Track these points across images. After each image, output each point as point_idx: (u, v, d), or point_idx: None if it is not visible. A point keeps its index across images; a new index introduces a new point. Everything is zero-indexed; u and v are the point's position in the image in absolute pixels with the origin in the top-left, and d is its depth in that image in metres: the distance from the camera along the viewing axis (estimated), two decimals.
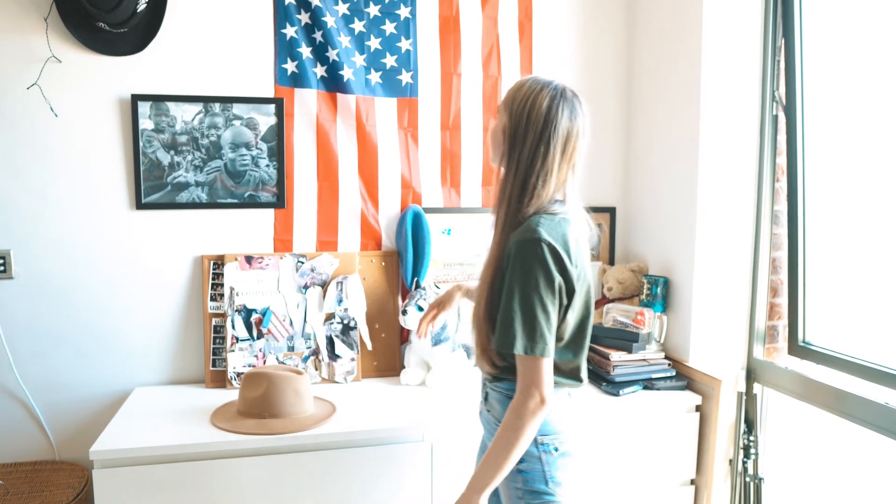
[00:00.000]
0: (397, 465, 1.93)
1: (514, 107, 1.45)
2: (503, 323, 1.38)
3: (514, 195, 1.44)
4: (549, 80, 1.47)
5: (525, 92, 1.45)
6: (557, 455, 1.48)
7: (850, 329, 2.07)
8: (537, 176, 1.43)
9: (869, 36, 1.98)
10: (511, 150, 1.46)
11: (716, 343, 2.30)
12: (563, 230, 1.41)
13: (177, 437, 1.83)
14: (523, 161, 1.43)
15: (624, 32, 2.63)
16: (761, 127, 2.24)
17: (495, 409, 1.55)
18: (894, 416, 1.75)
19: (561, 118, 1.42)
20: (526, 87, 1.46)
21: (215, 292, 2.32)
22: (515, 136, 1.44)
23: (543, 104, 1.42)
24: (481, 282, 1.50)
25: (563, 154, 1.44)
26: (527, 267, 1.37)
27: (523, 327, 1.37)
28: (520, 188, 1.44)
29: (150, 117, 2.22)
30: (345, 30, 2.36)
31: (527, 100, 1.44)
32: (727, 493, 2.29)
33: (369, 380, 2.39)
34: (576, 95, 1.47)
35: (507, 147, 1.47)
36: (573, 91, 1.48)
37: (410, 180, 2.46)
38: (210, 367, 2.29)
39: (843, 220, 2.09)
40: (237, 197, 2.32)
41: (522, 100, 1.44)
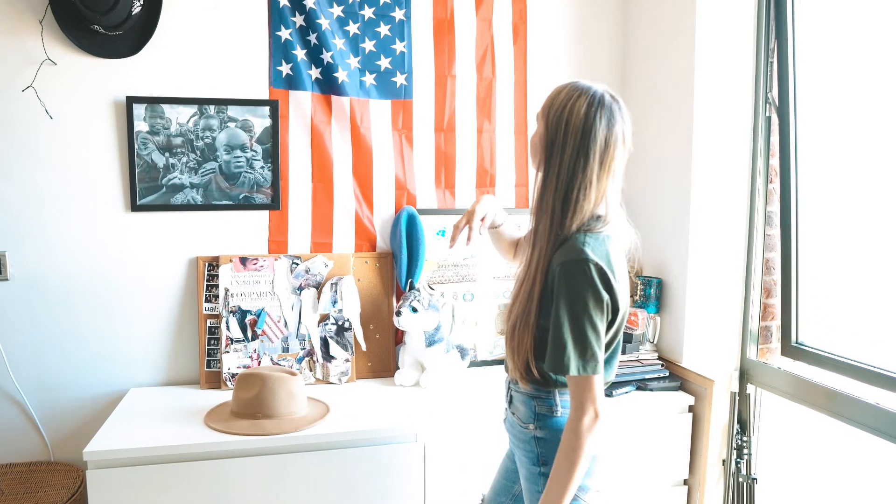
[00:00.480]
0: (390, 466, 1.94)
1: (551, 115, 1.41)
2: (556, 347, 1.36)
3: (557, 209, 1.40)
4: (588, 85, 1.42)
5: (562, 99, 1.40)
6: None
7: (842, 330, 2.08)
8: (578, 188, 1.39)
9: (861, 38, 1.99)
10: (549, 160, 1.42)
11: (709, 344, 2.30)
12: (607, 248, 1.39)
13: (171, 438, 1.84)
14: (564, 173, 1.39)
15: (618, 35, 2.63)
16: (754, 128, 2.25)
17: (520, 411, 1.54)
18: (885, 416, 1.76)
19: (599, 126, 1.38)
20: (564, 93, 1.41)
21: (210, 293, 2.32)
22: (553, 145, 1.40)
23: (581, 112, 1.38)
24: (521, 292, 1.46)
25: (602, 165, 1.39)
26: (576, 288, 1.35)
27: (575, 349, 1.35)
28: (562, 201, 1.40)
29: (145, 119, 2.23)
30: (339, 32, 2.37)
31: (563, 107, 1.39)
32: (720, 494, 2.30)
33: (364, 380, 2.39)
34: (615, 100, 1.43)
35: (545, 157, 1.43)
36: (613, 95, 1.43)
37: (405, 182, 2.47)
38: (205, 368, 2.30)
39: (836, 221, 2.09)
40: (232, 199, 2.33)
41: (559, 108, 1.40)
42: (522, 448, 1.54)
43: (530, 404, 1.51)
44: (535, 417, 1.51)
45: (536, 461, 1.50)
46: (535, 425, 1.50)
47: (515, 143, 2.56)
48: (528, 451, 1.53)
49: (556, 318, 1.37)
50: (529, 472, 1.52)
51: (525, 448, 1.53)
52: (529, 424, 1.51)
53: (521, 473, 1.57)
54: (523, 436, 1.53)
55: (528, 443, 1.52)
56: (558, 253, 1.39)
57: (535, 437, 1.51)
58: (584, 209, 1.40)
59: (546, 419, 1.49)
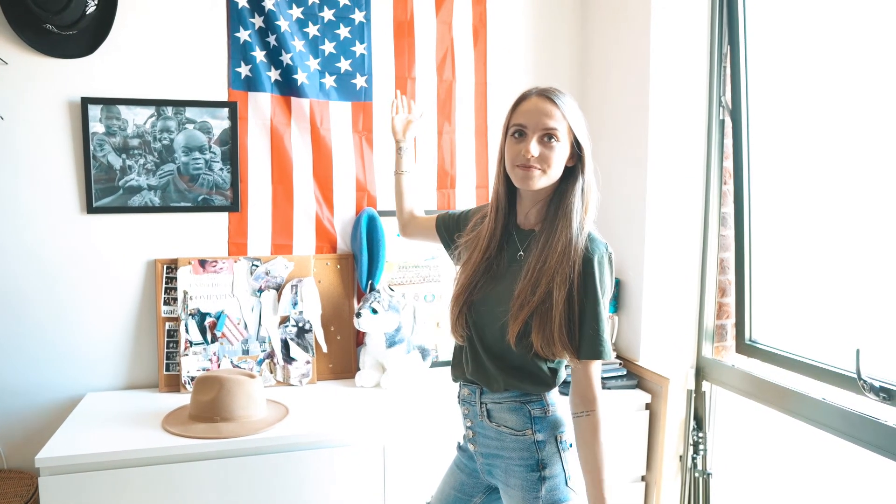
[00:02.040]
0: (350, 467, 1.94)
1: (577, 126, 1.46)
2: (596, 333, 1.43)
3: (579, 208, 1.48)
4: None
5: (578, 109, 1.48)
6: (570, 449, 1.50)
7: (792, 327, 2.13)
8: (591, 187, 1.51)
9: (810, 43, 2.04)
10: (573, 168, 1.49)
11: (666, 342, 2.34)
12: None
13: (127, 443, 1.82)
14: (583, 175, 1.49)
15: (576, 39, 2.67)
16: (708, 131, 2.30)
17: (509, 420, 1.51)
18: (831, 411, 1.81)
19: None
20: (575, 104, 1.48)
21: (169, 296, 2.30)
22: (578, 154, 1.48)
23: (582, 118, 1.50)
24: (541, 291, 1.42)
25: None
26: (608, 279, 1.46)
27: (607, 336, 1.45)
28: (581, 202, 1.48)
29: (100, 120, 2.20)
30: (298, 34, 2.36)
31: (581, 117, 1.48)
32: (677, 489, 2.34)
33: (325, 382, 2.39)
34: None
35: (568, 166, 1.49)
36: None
37: (365, 184, 2.47)
38: (164, 372, 2.28)
39: (787, 221, 2.14)
40: (191, 200, 2.32)
41: (581, 119, 1.48)
42: (516, 457, 1.50)
43: (523, 410, 1.49)
44: (533, 421, 1.49)
45: (536, 467, 1.48)
46: (532, 429, 1.49)
47: (476, 144, 2.58)
48: (525, 458, 1.49)
49: (594, 308, 1.43)
50: (526, 481, 1.48)
51: (521, 456, 1.49)
52: (526, 430, 1.49)
53: (512, 483, 1.51)
54: (518, 444, 1.50)
55: (526, 450, 1.49)
56: (579, 248, 1.44)
57: (535, 441, 1.48)
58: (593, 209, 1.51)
59: (542, 421, 1.49)
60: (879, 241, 1.82)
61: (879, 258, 1.82)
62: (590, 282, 1.43)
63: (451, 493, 1.67)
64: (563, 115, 1.43)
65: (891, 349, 1.74)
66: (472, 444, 1.60)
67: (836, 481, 1.94)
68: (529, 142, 1.42)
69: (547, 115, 1.43)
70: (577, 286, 1.42)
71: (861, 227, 1.88)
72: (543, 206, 1.51)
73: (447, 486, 1.69)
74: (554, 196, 1.49)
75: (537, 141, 1.43)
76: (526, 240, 1.51)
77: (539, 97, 1.45)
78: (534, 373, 1.49)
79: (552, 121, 1.42)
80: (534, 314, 1.42)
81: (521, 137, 1.45)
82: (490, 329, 1.51)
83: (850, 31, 1.89)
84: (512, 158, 1.46)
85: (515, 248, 1.53)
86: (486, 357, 1.52)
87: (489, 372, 1.52)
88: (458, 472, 1.67)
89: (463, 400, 1.61)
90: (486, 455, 1.56)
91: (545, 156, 1.43)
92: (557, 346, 1.42)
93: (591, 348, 1.43)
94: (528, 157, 1.42)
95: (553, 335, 1.41)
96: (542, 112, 1.43)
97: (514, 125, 1.46)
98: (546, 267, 1.42)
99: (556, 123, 1.42)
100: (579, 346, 1.43)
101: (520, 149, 1.44)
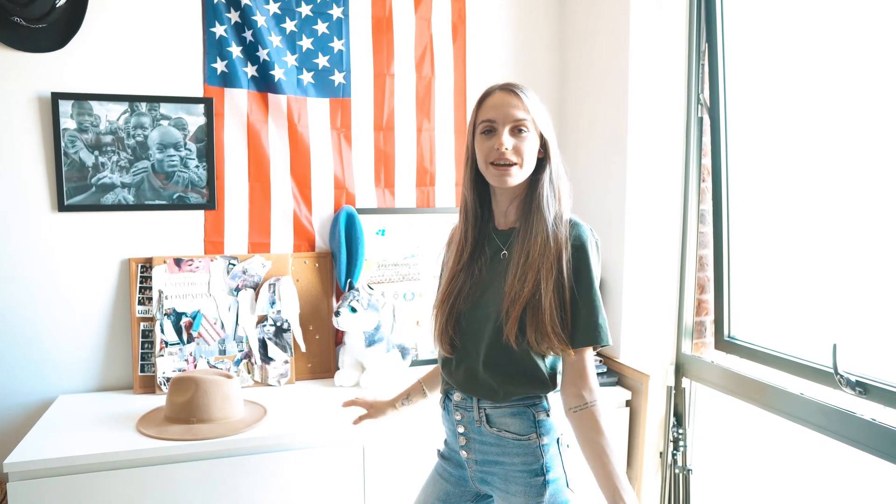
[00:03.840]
0: (329, 468, 1.92)
1: (540, 118, 1.47)
2: (592, 320, 1.42)
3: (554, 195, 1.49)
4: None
5: (538, 102, 1.48)
6: (569, 450, 1.47)
7: (770, 323, 2.14)
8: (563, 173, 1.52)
9: (787, 42, 2.05)
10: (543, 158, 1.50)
11: (646, 339, 2.35)
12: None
13: (100, 446, 1.78)
14: (556, 163, 1.50)
15: (556, 37, 2.66)
16: (687, 129, 2.30)
17: (511, 426, 1.46)
18: (808, 405, 1.82)
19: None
20: (535, 97, 1.49)
21: (143, 296, 2.26)
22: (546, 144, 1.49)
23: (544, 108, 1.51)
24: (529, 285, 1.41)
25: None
26: (596, 265, 1.45)
27: (605, 320, 1.44)
28: (555, 189, 1.49)
29: (72, 116, 2.16)
30: (276, 29, 2.33)
31: (542, 108, 1.49)
32: (658, 486, 2.35)
33: (303, 382, 2.36)
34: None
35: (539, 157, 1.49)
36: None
37: (344, 181, 2.45)
38: (138, 373, 2.24)
39: (765, 218, 2.16)
40: (165, 198, 2.27)
41: (543, 110, 1.49)
42: (519, 463, 1.46)
43: (527, 413, 1.45)
44: (537, 425, 1.45)
45: (540, 471, 1.44)
46: (537, 434, 1.45)
47: (455, 142, 2.56)
48: (528, 463, 1.45)
49: (588, 293, 1.42)
50: (529, 486, 1.44)
51: (524, 461, 1.45)
52: (531, 435, 1.45)
53: (513, 490, 1.46)
54: (522, 449, 1.46)
55: (530, 454, 1.45)
56: (563, 235, 1.43)
57: (540, 445, 1.45)
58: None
59: (544, 424, 1.46)
60: (856, 238, 1.83)
61: (856, 254, 1.84)
62: (581, 267, 1.43)
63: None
64: (528, 107, 1.44)
65: (867, 344, 1.76)
66: (465, 451, 1.53)
67: (815, 476, 1.96)
68: (501, 135, 1.42)
69: (514, 107, 1.43)
70: (567, 274, 1.41)
71: (838, 223, 1.89)
72: (521, 202, 1.50)
73: (430, 497, 1.62)
74: (528, 190, 1.49)
75: (509, 133, 1.42)
76: (507, 239, 1.50)
77: (503, 91, 1.46)
78: (534, 375, 1.46)
79: (520, 112, 1.43)
80: (526, 308, 1.40)
81: (491, 133, 1.44)
82: (485, 334, 1.46)
83: (826, 29, 1.91)
84: (485, 156, 1.44)
85: (498, 249, 1.51)
86: (482, 368, 1.47)
87: (488, 384, 1.47)
88: (441, 482, 1.61)
89: (455, 406, 1.54)
90: (483, 462, 1.51)
91: (518, 147, 1.43)
92: (552, 339, 1.39)
93: (587, 335, 1.41)
94: (503, 150, 1.41)
95: (546, 327, 1.39)
96: (509, 105, 1.43)
97: (482, 122, 1.46)
98: (530, 260, 1.41)
99: (524, 114, 1.43)
100: (573, 334, 1.41)
101: (492, 144, 1.43)
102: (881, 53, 1.73)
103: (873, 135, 1.77)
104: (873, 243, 1.78)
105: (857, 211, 1.83)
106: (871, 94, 1.77)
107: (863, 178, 1.80)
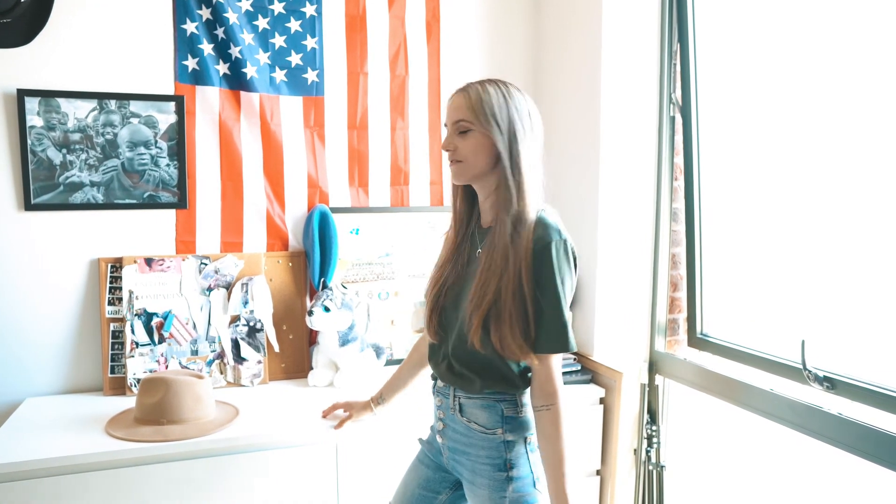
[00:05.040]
0: (302, 468, 1.91)
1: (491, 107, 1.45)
2: (557, 325, 1.39)
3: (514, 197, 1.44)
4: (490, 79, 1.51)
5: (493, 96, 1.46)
6: (538, 451, 1.47)
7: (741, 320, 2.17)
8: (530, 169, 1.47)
9: (757, 42, 2.08)
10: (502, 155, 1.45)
11: (619, 337, 2.36)
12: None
13: (67, 448, 1.75)
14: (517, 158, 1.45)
15: (530, 36, 2.67)
16: (659, 128, 2.32)
17: (480, 417, 1.49)
18: (778, 401, 1.84)
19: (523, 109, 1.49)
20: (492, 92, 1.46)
21: (113, 296, 2.23)
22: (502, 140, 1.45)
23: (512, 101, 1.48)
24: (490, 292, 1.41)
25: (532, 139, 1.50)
26: (562, 270, 1.40)
27: (569, 326, 1.41)
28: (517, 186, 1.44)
29: (39, 114, 2.12)
30: (248, 27, 2.31)
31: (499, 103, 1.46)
32: (632, 483, 2.36)
33: (277, 382, 2.34)
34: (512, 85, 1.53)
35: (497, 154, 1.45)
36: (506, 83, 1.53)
37: (317, 180, 2.43)
38: (108, 374, 2.20)
39: (736, 217, 2.18)
40: (136, 197, 2.24)
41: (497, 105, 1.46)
42: (484, 456, 1.48)
43: (496, 408, 1.47)
44: (504, 420, 1.47)
45: (503, 466, 1.46)
46: (503, 429, 1.47)
47: (429, 140, 2.56)
48: (493, 457, 1.47)
49: (552, 298, 1.39)
50: (493, 480, 1.47)
51: (488, 455, 1.48)
52: (497, 429, 1.47)
53: (477, 482, 1.49)
54: (487, 442, 1.48)
55: (494, 449, 1.47)
56: (533, 234, 1.41)
57: (504, 441, 1.46)
58: (537, 188, 1.47)
59: (514, 421, 1.47)
60: (824, 236, 1.86)
61: (824, 252, 1.86)
62: (544, 272, 1.39)
63: (416, 492, 1.63)
64: (473, 106, 1.44)
65: (834, 340, 1.79)
66: (440, 436, 1.58)
67: (785, 470, 1.98)
68: (448, 135, 1.49)
69: (457, 108, 1.47)
70: (527, 281, 1.39)
71: (807, 222, 1.92)
72: (494, 201, 1.50)
73: (411, 484, 1.65)
74: (495, 187, 1.49)
75: (454, 133, 1.47)
76: (484, 238, 1.51)
77: (457, 92, 1.49)
78: (504, 374, 1.46)
79: (460, 112, 1.46)
80: (489, 316, 1.40)
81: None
82: (458, 332, 1.49)
83: (795, 28, 1.93)
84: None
85: (476, 247, 1.53)
86: (457, 361, 1.50)
87: (462, 375, 1.49)
88: (421, 467, 1.65)
89: (437, 391, 1.60)
90: (453, 450, 1.55)
91: (457, 146, 1.46)
92: (513, 348, 1.39)
93: (549, 343, 1.40)
94: (447, 150, 1.48)
95: (507, 338, 1.38)
96: (453, 106, 1.48)
97: (444, 125, 1.52)
98: (493, 266, 1.41)
99: (464, 114, 1.45)
100: (536, 341, 1.40)
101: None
102: (850, 52, 1.76)
103: (842, 133, 1.79)
104: (841, 242, 1.81)
105: (826, 210, 1.85)
106: (840, 93, 1.79)
107: (831, 177, 1.83)
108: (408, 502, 1.64)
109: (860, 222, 1.75)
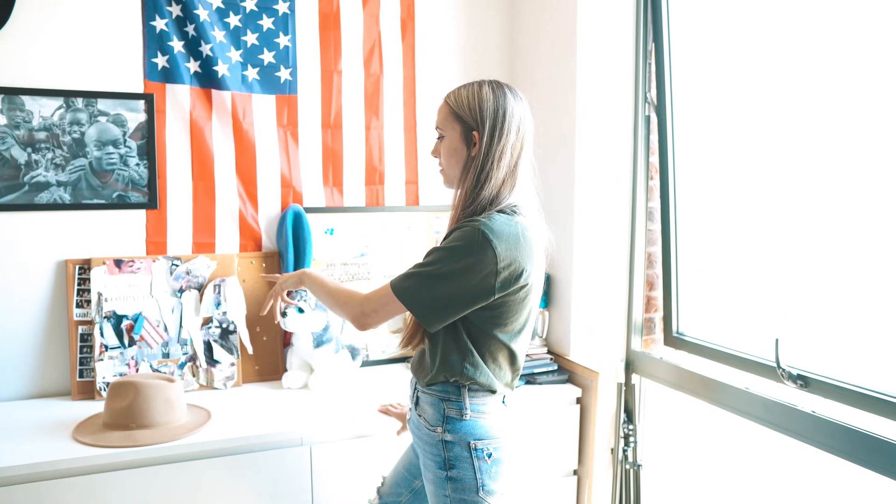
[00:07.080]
0: (276, 471, 1.88)
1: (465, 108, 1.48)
2: (410, 275, 1.43)
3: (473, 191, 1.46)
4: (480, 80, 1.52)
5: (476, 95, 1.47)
6: (491, 462, 1.47)
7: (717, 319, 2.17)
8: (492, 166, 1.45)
9: (731, 42, 2.08)
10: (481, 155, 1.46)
11: (596, 336, 2.36)
12: (517, 230, 1.39)
13: (33, 455, 1.70)
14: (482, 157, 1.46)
15: (505, 35, 2.66)
16: (635, 127, 2.32)
17: (427, 413, 1.51)
18: (753, 399, 1.85)
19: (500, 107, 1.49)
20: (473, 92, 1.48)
21: (82, 298, 2.18)
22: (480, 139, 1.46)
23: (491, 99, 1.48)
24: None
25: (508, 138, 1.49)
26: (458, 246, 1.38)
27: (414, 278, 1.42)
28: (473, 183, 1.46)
29: (2, 112, 2.06)
30: (219, 24, 2.28)
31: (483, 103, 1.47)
32: (609, 482, 2.36)
33: (250, 384, 2.31)
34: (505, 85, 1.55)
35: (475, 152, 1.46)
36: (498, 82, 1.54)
37: (291, 179, 2.40)
38: (77, 378, 2.15)
39: (711, 216, 2.19)
40: (104, 197, 2.20)
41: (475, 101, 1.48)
42: (429, 451, 1.51)
43: (439, 406, 1.49)
44: (444, 420, 1.48)
45: (443, 465, 1.47)
46: (443, 428, 1.48)
47: (405, 139, 2.54)
48: (434, 454, 1.49)
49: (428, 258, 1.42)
50: (436, 476, 1.49)
51: (431, 452, 1.50)
52: (437, 427, 1.48)
53: (426, 476, 1.54)
54: (430, 439, 1.50)
55: (434, 446, 1.49)
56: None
57: (442, 440, 1.47)
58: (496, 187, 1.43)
59: (455, 423, 1.47)
60: (798, 236, 1.87)
61: (798, 251, 1.87)
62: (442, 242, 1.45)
63: (401, 472, 1.72)
64: (448, 112, 1.49)
65: (807, 338, 1.80)
66: (410, 424, 1.63)
67: (761, 468, 1.99)
68: (435, 144, 1.56)
69: (437, 116, 1.54)
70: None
71: (781, 221, 1.93)
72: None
73: (399, 464, 1.74)
74: None
75: (437, 140, 1.55)
76: None
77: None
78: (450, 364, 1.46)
79: (438, 119, 1.53)
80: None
81: None
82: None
83: (770, 28, 1.94)
84: None
85: None
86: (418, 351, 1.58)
87: (417, 363, 1.57)
88: (410, 453, 1.71)
89: (410, 382, 1.64)
90: (415, 441, 1.61)
91: (438, 152, 1.54)
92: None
93: (396, 280, 1.44)
94: (435, 157, 1.56)
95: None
96: (437, 114, 1.54)
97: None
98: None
99: (440, 120, 1.51)
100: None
101: None
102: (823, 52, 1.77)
103: (815, 132, 1.80)
104: (814, 241, 1.82)
105: (799, 209, 1.86)
106: (814, 93, 1.80)
107: (805, 176, 1.84)
108: (393, 480, 1.74)
109: (834, 221, 1.76)
